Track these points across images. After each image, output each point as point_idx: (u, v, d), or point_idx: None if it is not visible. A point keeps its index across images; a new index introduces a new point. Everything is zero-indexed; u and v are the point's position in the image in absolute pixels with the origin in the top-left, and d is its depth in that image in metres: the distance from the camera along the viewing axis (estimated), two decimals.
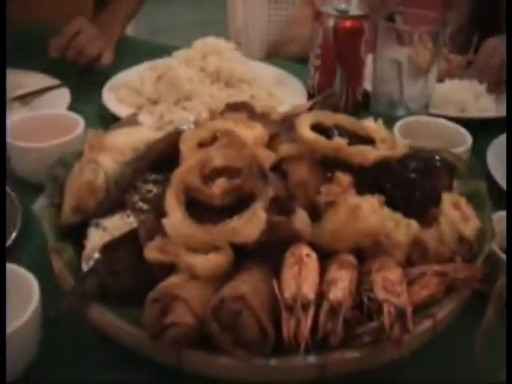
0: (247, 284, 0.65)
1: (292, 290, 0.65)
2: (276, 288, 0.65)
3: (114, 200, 0.78)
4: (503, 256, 0.78)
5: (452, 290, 0.72)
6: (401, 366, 0.67)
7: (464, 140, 1.02)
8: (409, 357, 0.66)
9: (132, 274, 0.72)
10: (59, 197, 0.81)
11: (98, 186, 0.77)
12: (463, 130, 1.05)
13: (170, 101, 1.19)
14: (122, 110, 1.17)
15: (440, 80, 1.24)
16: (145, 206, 0.79)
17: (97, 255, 0.73)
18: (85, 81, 1.30)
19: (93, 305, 0.69)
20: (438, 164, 0.83)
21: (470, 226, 0.77)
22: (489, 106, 1.24)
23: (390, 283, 0.67)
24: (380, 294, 0.66)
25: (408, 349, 0.67)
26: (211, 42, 1.29)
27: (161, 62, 1.29)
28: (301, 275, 0.66)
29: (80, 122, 1.00)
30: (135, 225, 0.76)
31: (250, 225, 0.68)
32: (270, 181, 0.71)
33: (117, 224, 0.76)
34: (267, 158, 0.75)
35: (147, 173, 0.82)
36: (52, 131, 0.98)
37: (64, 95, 1.22)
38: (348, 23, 1.18)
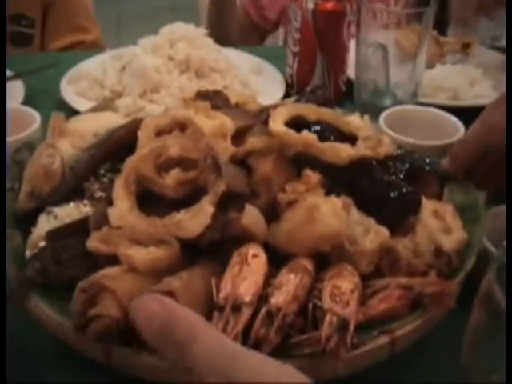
0: (181, 280, 0.69)
1: (227, 290, 0.68)
2: (214, 287, 0.69)
3: (70, 187, 0.84)
4: (493, 249, 0.79)
5: (418, 307, 0.74)
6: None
7: (456, 130, 1.04)
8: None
9: (78, 263, 0.77)
10: (20, 182, 0.88)
11: (53, 171, 0.84)
12: (456, 120, 1.07)
13: (136, 93, 1.24)
14: (82, 104, 1.23)
15: (430, 65, 1.27)
16: (104, 196, 0.85)
17: (42, 243, 0.79)
18: (41, 72, 1.36)
19: (32, 293, 0.75)
20: (427, 168, 0.85)
21: (452, 239, 0.78)
22: (485, 93, 1.25)
23: (338, 292, 0.70)
24: (326, 302, 0.69)
25: (355, 365, 0.69)
26: (180, 27, 1.34)
27: (125, 51, 1.34)
28: (240, 275, 0.70)
29: (36, 117, 1.07)
30: (90, 214, 0.82)
31: (195, 219, 0.73)
32: (224, 174, 0.75)
33: (70, 212, 0.82)
34: (225, 150, 0.79)
35: (111, 161, 0.88)
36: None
37: (18, 88, 1.28)
38: (329, 5, 1.22)
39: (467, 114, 1.07)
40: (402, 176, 0.82)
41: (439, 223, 0.79)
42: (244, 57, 1.44)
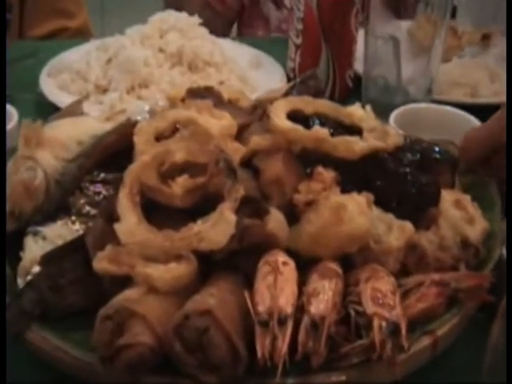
0: (214, 297, 0.70)
1: (266, 302, 0.69)
2: (248, 301, 0.70)
3: (56, 203, 0.82)
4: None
5: (454, 303, 0.77)
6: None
7: None
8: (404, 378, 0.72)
9: (78, 288, 0.76)
10: None
11: (36, 186, 0.81)
12: (474, 119, 1.08)
13: (122, 88, 1.23)
14: (63, 99, 1.20)
15: (446, 59, 1.28)
16: (92, 211, 0.84)
17: (36, 268, 0.77)
18: (18, 62, 1.33)
19: (31, 326, 0.73)
20: (438, 157, 0.89)
21: (476, 229, 0.83)
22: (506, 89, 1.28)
23: (380, 294, 0.73)
24: (369, 307, 0.71)
25: (403, 370, 0.72)
26: (171, 16, 1.33)
27: (111, 41, 1.32)
28: (276, 286, 0.71)
29: (13, 113, 1.04)
30: (82, 232, 0.81)
31: (218, 229, 0.73)
32: (240, 178, 0.76)
33: (59, 232, 0.81)
34: (236, 151, 0.80)
35: (95, 172, 0.86)
36: None
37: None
38: None
39: (487, 113, 1.04)
40: (415, 167, 0.85)
41: (461, 214, 0.83)
42: (242, 49, 1.43)
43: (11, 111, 1.05)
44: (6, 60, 1.26)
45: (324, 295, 0.72)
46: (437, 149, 0.89)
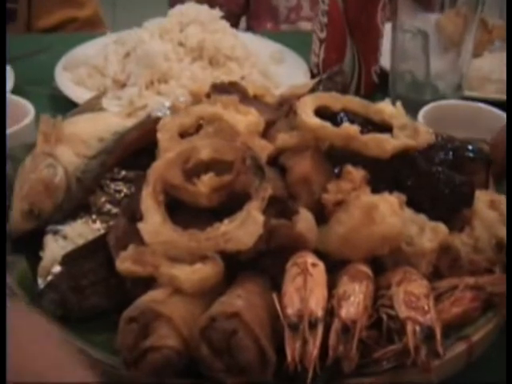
0: (242, 299, 0.70)
1: (296, 305, 0.70)
2: (277, 303, 0.71)
3: (77, 202, 0.83)
4: None
5: (490, 308, 0.78)
6: None
7: None
8: None
9: (100, 289, 0.77)
10: (7, 199, 0.86)
11: (56, 184, 0.82)
12: (506, 116, 1.08)
13: (141, 83, 1.23)
14: (79, 94, 1.21)
15: (477, 54, 1.27)
16: (114, 209, 0.85)
17: (56, 268, 0.78)
18: (32, 57, 1.34)
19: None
20: (472, 155, 0.89)
21: None
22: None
23: (413, 298, 0.73)
24: (402, 311, 0.72)
25: (437, 377, 0.72)
26: (191, 9, 1.34)
27: (129, 35, 1.33)
28: (306, 288, 0.71)
29: (29, 108, 1.05)
30: (103, 231, 0.82)
31: (245, 229, 0.74)
32: (268, 177, 0.77)
33: (80, 231, 0.81)
34: (264, 149, 0.80)
35: (116, 169, 0.87)
36: None
37: (6, 75, 1.25)
38: None
39: None
40: (448, 166, 0.86)
41: (496, 215, 0.83)
42: (264, 43, 1.44)
43: (27, 106, 1.06)
44: (16, 55, 1.27)
45: (355, 298, 0.72)
46: (470, 147, 0.89)
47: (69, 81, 1.28)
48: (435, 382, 0.71)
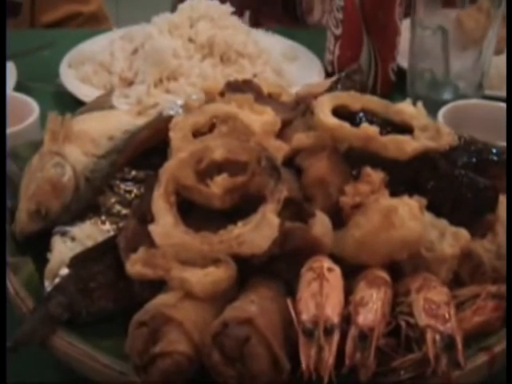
0: (255, 304, 0.72)
1: (311, 311, 0.71)
2: (291, 309, 0.72)
3: (85, 202, 0.85)
4: None
5: None
6: None
7: None
8: None
9: (109, 293, 0.79)
10: (13, 199, 0.87)
11: (64, 184, 0.84)
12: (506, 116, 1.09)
13: (150, 81, 1.25)
14: (85, 92, 1.23)
15: (499, 51, 1.28)
16: (123, 210, 0.86)
17: (64, 271, 0.79)
18: (35, 53, 1.35)
19: (59, 331, 0.76)
20: (496, 159, 0.90)
21: None
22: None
23: (434, 306, 0.74)
24: (422, 319, 0.73)
25: None
26: (201, 4, 1.35)
27: (137, 30, 1.34)
28: (322, 294, 0.73)
29: (34, 106, 1.06)
30: (112, 233, 0.83)
31: (259, 232, 0.75)
32: (284, 178, 0.78)
33: (88, 232, 0.83)
34: (279, 149, 0.82)
35: (126, 169, 0.89)
36: None
37: (8, 71, 1.26)
38: None
39: None
40: (471, 169, 0.87)
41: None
42: (276, 40, 1.45)
43: (32, 104, 1.07)
44: (19, 51, 1.29)
45: (373, 305, 0.74)
46: (494, 150, 0.90)
47: (74, 78, 1.30)
48: None
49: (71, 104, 1.11)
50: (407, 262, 0.81)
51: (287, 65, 1.38)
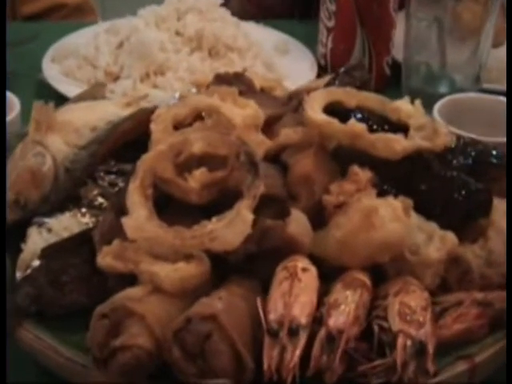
0: (222, 301, 0.73)
1: (279, 311, 0.72)
2: (260, 308, 0.73)
3: (65, 193, 0.87)
4: None
5: (499, 327, 0.78)
6: None
7: None
8: None
9: (82, 286, 0.81)
10: None
11: (43, 174, 0.86)
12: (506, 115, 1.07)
13: (136, 75, 1.26)
14: (69, 87, 1.24)
15: (497, 43, 1.27)
16: (106, 203, 0.88)
17: (36, 262, 0.81)
18: (17, 47, 1.36)
19: (26, 324, 0.78)
20: (495, 161, 0.90)
21: None
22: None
23: (409, 310, 0.74)
24: (395, 324, 0.73)
25: None
26: None
27: (122, 23, 1.35)
28: (291, 294, 0.73)
29: (14, 102, 1.07)
30: (91, 226, 0.85)
31: (232, 228, 0.76)
32: (262, 174, 0.79)
33: (66, 224, 0.85)
34: (261, 144, 0.83)
35: (111, 161, 0.91)
36: None
37: None
38: None
39: None
40: (465, 171, 0.87)
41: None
42: (267, 33, 1.46)
43: (13, 100, 1.08)
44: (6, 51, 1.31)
45: (346, 307, 0.74)
46: (494, 152, 0.90)
47: (57, 73, 1.31)
48: None
49: (54, 99, 1.13)
50: (391, 266, 0.81)
51: (278, 58, 1.39)
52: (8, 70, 1.25)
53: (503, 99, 1.13)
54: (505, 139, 1.00)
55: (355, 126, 0.85)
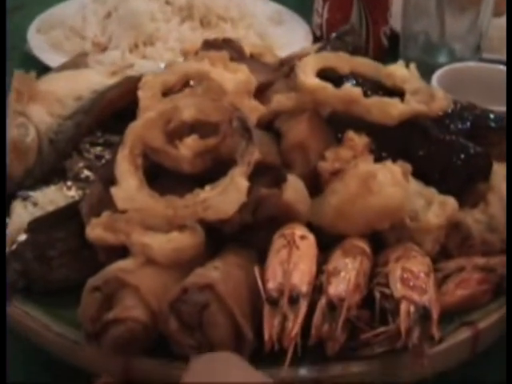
0: (218, 271, 0.72)
1: (278, 279, 0.71)
2: (258, 277, 0.72)
3: (50, 166, 0.85)
4: None
5: (501, 292, 0.78)
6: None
7: None
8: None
9: (69, 261, 0.79)
10: None
11: (27, 145, 0.84)
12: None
13: (125, 46, 1.25)
14: (56, 59, 1.22)
15: (498, 12, 1.27)
16: (92, 176, 0.86)
17: (22, 236, 0.80)
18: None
19: (14, 300, 0.76)
20: (493, 125, 0.89)
21: None
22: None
23: (411, 276, 0.73)
24: (397, 290, 0.72)
25: (435, 366, 0.72)
26: None
27: None
28: (290, 261, 0.72)
29: None
30: (78, 199, 0.84)
31: (226, 196, 0.75)
32: (256, 140, 0.78)
33: (52, 197, 0.83)
34: (254, 110, 0.82)
35: (98, 133, 0.89)
36: None
37: None
38: None
39: None
40: (463, 135, 0.86)
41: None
42: (261, 3, 1.45)
43: None
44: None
45: (346, 274, 0.73)
46: (492, 116, 0.89)
47: (43, 44, 1.30)
48: (432, 372, 0.70)
49: (41, 72, 1.11)
50: (390, 233, 0.80)
51: (272, 29, 1.37)
52: None
53: (503, 68, 1.12)
54: (504, 108, 0.99)
55: (350, 90, 0.83)
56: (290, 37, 1.33)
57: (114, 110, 0.87)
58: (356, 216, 0.78)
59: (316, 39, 1.31)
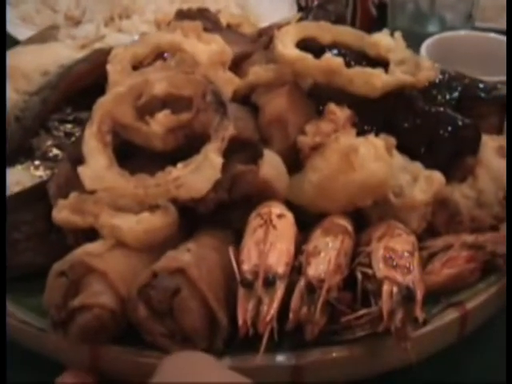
0: (191, 253, 0.69)
1: (253, 260, 0.68)
2: (232, 258, 0.69)
3: (16, 144, 0.83)
4: None
5: (492, 271, 0.76)
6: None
7: None
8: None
9: (36, 244, 0.77)
10: None
11: None
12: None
13: (99, 19, 1.24)
14: (26, 33, 1.19)
15: None
16: (61, 155, 0.84)
17: None
18: None
19: None
20: (483, 95, 0.87)
21: None
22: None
23: (394, 255, 0.71)
24: (380, 270, 0.70)
25: (421, 349, 0.70)
26: None
27: None
28: (266, 242, 0.70)
29: None
30: (46, 179, 0.81)
31: (200, 174, 0.72)
32: (231, 114, 0.75)
33: (18, 178, 0.81)
34: (229, 82, 0.79)
35: (67, 109, 0.87)
36: None
37: None
38: None
39: None
40: (451, 106, 0.84)
41: (505, 163, 0.81)
42: None
43: None
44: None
45: (326, 255, 0.71)
46: (481, 85, 0.87)
47: (14, 17, 1.28)
48: (417, 356, 0.68)
49: (10, 46, 1.08)
50: (374, 210, 0.78)
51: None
52: None
53: (497, 36, 1.11)
54: (498, 79, 0.96)
55: (331, 60, 0.81)
56: (274, 7, 1.32)
57: (83, 85, 0.85)
58: (337, 193, 0.76)
59: (300, 9, 1.29)
